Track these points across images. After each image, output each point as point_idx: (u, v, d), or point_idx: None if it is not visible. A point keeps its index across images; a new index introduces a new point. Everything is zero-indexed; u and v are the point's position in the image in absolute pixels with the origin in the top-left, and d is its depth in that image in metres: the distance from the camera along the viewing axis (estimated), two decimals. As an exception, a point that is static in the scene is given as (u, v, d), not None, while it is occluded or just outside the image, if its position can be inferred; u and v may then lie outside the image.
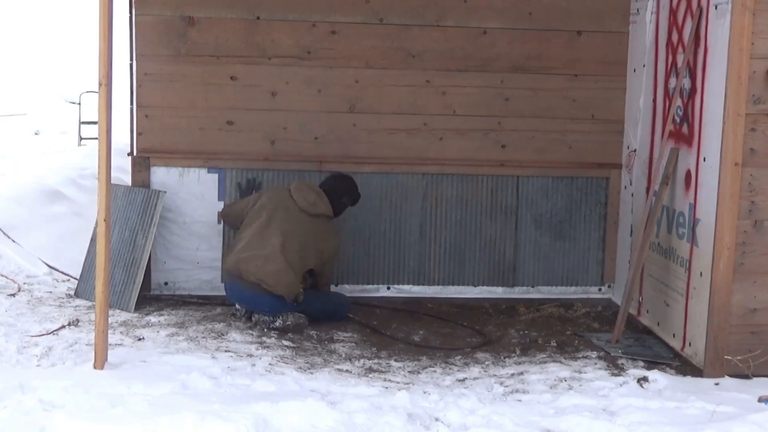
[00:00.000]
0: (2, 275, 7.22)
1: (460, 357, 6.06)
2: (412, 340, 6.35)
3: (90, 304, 6.65)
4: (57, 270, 7.50)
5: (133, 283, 6.68)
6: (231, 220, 6.82)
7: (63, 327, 6.15)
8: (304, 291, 6.49)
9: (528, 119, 7.22)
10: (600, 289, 7.43)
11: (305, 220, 6.52)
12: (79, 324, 6.23)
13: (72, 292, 7.00)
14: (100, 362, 5.31)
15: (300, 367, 5.66)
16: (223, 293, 6.87)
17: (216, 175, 7.06)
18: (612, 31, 7.17)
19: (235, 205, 6.81)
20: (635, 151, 6.94)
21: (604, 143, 7.27)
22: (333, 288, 7.04)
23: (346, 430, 4.55)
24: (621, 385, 5.47)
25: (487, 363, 5.95)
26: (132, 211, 6.87)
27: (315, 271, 6.65)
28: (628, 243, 7.04)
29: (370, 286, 7.30)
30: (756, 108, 5.54)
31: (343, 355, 5.99)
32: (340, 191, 6.74)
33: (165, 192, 6.87)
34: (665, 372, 5.74)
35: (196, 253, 7.10)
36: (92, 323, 5.90)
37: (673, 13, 6.34)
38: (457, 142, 7.20)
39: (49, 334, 6.01)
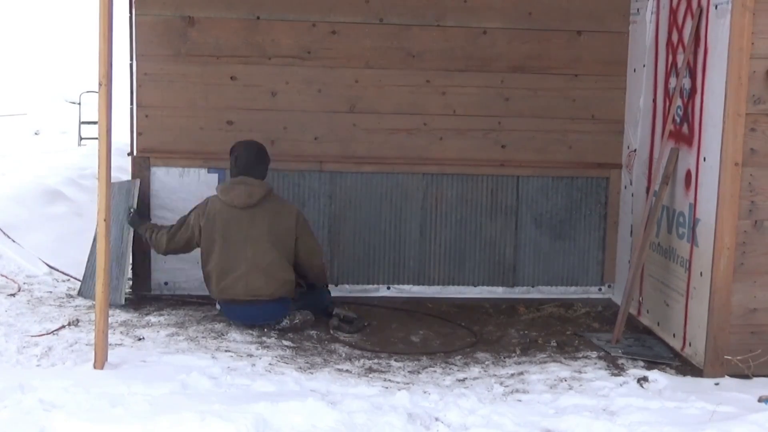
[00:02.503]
0: (2, 275, 7.22)
1: (460, 357, 6.06)
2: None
3: (90, 303, 6.65)
4: (57, 270, 7.50)
5: (123, 275, 6.66)
6: (180, 248, 6.54)
7: (63, 327, 6.14)
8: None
9: (528, 119, 7.22)
10: (600, 289, 7.43)
11: (256, 214, 6.30)
12: (79, 324, 6.23)
13: (72, 292, 7.00)
14: (100, 362, 5.31)
15: (300, 367, 5.65)
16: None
17: (216, 175, 7.05)
18: (612, 31, 7.16)
19: (177, 235, 6.48)
20: (635, 151, 6.94)
21: (604, 143, 7.26)
22: (331, 287, 6.97)
23: (346, 430, 4.54)
24: (621, 385, 5.47)
25: (487, 363, 5.95)
26: (118, 206, 6.82)
27: (299, 250, 6.41)
28: (628, 243, 7.04)
29: (370, 286, 7.30)
30: (756, 108, 5.54)
31: (343, 355, 5.99)
32: (258, 163, 6.44)
33: (139, 179, 6.82)
34: (665, 372, 5.74)
35: (197, 253, 7.08)
36: (92, 323, 5.89)
37: (673, 13, 6.34)
38: (457, 142, 7.20)
39: (49, 334, 6.01)
